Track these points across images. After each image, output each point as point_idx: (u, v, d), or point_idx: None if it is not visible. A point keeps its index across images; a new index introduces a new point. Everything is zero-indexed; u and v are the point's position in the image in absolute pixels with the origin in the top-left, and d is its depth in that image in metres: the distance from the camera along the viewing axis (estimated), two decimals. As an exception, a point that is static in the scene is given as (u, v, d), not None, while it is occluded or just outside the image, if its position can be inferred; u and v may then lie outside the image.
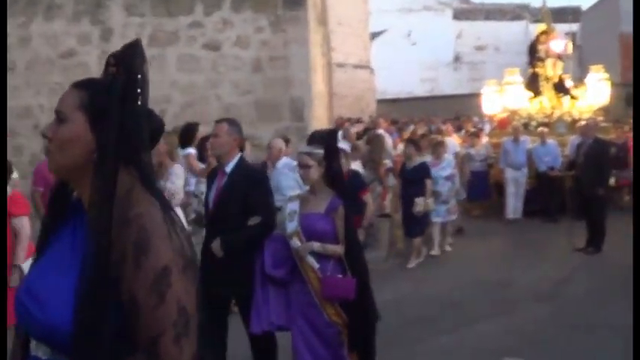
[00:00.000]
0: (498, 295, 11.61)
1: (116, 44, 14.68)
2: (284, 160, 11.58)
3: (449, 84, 51.39)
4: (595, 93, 20.06)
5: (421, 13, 52.13)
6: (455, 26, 53.02)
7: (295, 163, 10.06)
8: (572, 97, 20.40)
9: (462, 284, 12.29)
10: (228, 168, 7.15)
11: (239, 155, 7.29)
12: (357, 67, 39.92)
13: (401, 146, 17.90)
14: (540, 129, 18.62)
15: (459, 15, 53.85)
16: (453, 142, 18.33)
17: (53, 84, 15.84)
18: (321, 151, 6.68)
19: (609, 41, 39.47)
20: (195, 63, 15.91)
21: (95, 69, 15.67)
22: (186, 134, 12.10)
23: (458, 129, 24.52)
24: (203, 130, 11.90)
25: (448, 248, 15.02)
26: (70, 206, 2.64)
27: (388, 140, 18.71)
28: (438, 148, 15.06)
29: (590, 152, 14.43)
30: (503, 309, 10.79)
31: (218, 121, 7.44)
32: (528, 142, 18.35)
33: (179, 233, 2.46)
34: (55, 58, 15.95)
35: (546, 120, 19.65)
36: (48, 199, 2.73)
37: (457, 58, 53.18)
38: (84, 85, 2.65)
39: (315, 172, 6.67)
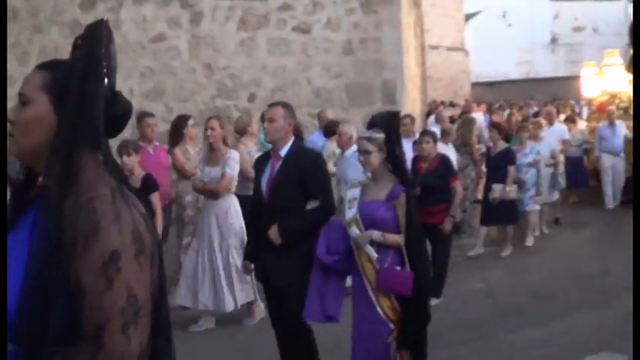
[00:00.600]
0: (593, 286, 11.23)
1: (206, 28, 15.06)
2: (354, 149, 10.53)
3: (545, 66, 50.61)
4: None
5: (517, -6, 51.31)
6: (552, 7, 52.05)
7: None
8: None
9: (555, 275, 11.99)
10: (283, 152, 7.01)
11: (293, 138, 7.17)
12: (450, 49, 39.69)
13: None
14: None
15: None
16: (561, 127, 17.54)
17: (143, 68, 16.04)
18: (381, 136, 6.42)
19: None
20: (286, 46, 15.80)
21: (185, 53, 15.87)
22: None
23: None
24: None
25: (529, 243, 14.35)
26: (35, 191, 2.56)
27: (482, 124, 18.41)
28: (521, 133, 14.59)
29: None
30: (597, 301, 10.48)
31: (272, 105, 7.33)
32: (624, 126, 17.56)
33: (135, 217, 2.37)
34: (145, 43, 16.04)
35: None
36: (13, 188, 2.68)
37: (554, 40, 52.24)
38: (47, 66, 2.57)
39: (376, 158, 6.43)
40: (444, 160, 10.95)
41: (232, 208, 9.57)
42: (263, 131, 7.94)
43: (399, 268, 6.27)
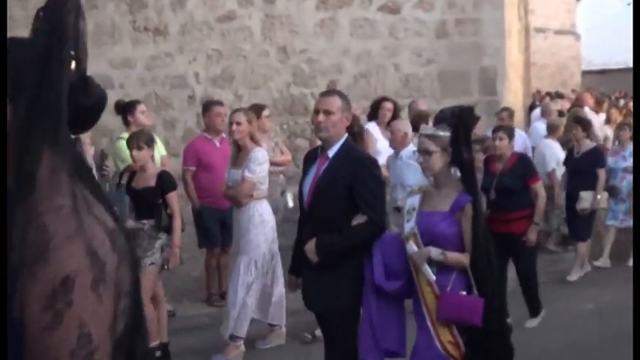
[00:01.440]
0: None
1: (282, 6, 15.02)
2: (410, 148, 9.75)
3: (669, 52, 49.77)
4: None
5: (638, -30, 50.58)
6: (678, -16, 51.25)
7: None
8: None
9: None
10: (332, 151, 6.47)
11: (345, 137, 6.61)
12: (559, 32, 39.23)
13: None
14: None
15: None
16: None
17: (210, 50, 16.01)
18: (447, 134, 5.91)
19: None
20: (371, 28, 15.62)
21: (257, 34, 15.75)
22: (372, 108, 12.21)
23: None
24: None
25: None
26: None
27: (595, 120, 18.05)
28: (620, 131, 13.95)
29: None
30: None
31: (326, 94, 6.87)
32: None
33: (98, 235, 2.12)
34: (213, 22, 15.96)
35: None
36: None
37: (681, 22, 51.40)
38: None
39: (439, 160, 5.95)
40: (522, 159, 10.47)
41: (256, 218, 9.12)
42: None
43: (464, 293, 5.83)
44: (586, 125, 13.02)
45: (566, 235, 13.58)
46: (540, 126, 15.95)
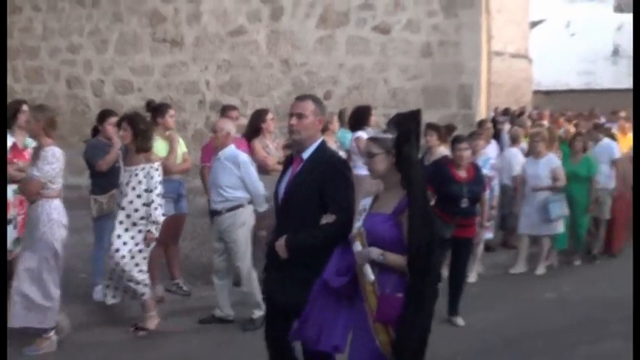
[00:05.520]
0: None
1: (286, 24, 14.94)
2: (230, 150, 9.29)
3: (606, 78, 49.92)
4: None
5: (582, 4, 50.75)
6: (615, 18, 51.43)
7: (240, 155, 9.23)
8: None
9: (626, 286, 11.61)
10: (306, 154, 6.03)
11: (320, 140, 6.14)
12: (514, 56, 39.15)
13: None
14: None
15: (622, 6, 52.23)
16: (611, 145, 14.54)
17: (221, 61, 16.16)
18: (389, 136, 5.40)
19: None
20: (364, 45, 15.64)
21: (263, 48, 15.84)
22: (359, 117, 11.90)
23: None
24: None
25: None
26: None
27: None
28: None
29: None
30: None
31: (299, 98, 6.25)
32: None
33: None
34: (224, 35, 16.03)
35: None
36: None
37: (616, 52, 51.52)
38: None
39: (382, 162, 5.42)
40: (478, 168, 10.17)
41: (44, 216, 8.10)
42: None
43: (401, 295, 5.24)
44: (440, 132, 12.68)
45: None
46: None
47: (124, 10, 16.40)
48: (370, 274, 5.26)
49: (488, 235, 12.34)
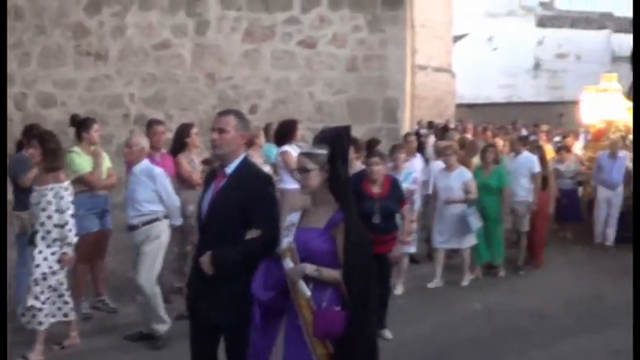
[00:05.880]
0: (589, 311, 11.08)
1: (211, 38, 14.88)
2: (144, 164, 9.16)
3: (527, 91, 50.77)
4: None
5: (504, 19, 51.49)
6: (536, 33, 52.33)
7: (155, 168, 9.12)
8: None
9: (550, 298, 11.80)
10: (230, 169, 5.94)
11: (244, 155, 6.07)
12: (438, 70, 39.60)
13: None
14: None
15: (544, 22, 53.14)
16: (530, 158, 14.02)
17: (146, 75, 16.01)
18: (324, 152, 5.39)
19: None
20: (290, 59, 15.73)
21: (188, 61, 15.75)
22: (285, 131, 11.87)
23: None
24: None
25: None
26: None
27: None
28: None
29: None
30: (595, 325, 10.35)
31: (221, 113, 6.14)
32: (627, 158, 15.96)
33: None
34: (149, 49, 15.94)
35: None
36: None
37: (537, 66, 52.42)
38: None
39: (316, 178, 5.40)
40: (394, 182, 9.89)
41: None
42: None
43: (338, 308, 5.26)
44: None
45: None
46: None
47: (47, 22, 16.16)
48: (306, 290, 5.23)
49: (411, 249, 12.13)
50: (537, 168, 13.77)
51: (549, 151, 18.30)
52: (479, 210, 12.40)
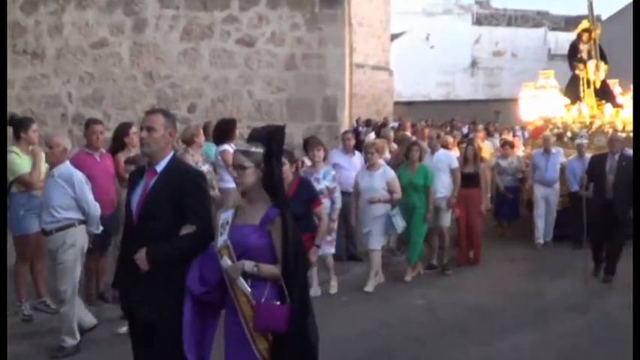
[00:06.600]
0: (529, 307, 11.22)
1: (149, 36, 14.80)
2: (65, 168, 8.86)
3: (465, 89, 51.26)
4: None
5: (441, 17, 51.91)
6: (473, 31, 52.84)
7: (76, 174, 8.84)
8: (615, 106, 18.02)
9: (490, 294, 11.96)
10: (160, 167, 6.02)
11: (172, 153, 6.20)
12: (375, 68, 39.81)
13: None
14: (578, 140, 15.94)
15: (480, 20, 53.67)
16: (448, 155, 14.18)
17: (83, 73, 15.82)
18: (261, 151, 5.53)
19: (629, 52, 38.90)
20: (228, 58, 15.71)
21: (127, 60, 15.61)
22: (224, 129, 11.89)
23: (488, 135, 23.68)
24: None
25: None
26: None
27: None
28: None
29: (620, 169, 12.68)
30: (536, 321, 10.49)
31: (150, 112, 6.30)
32: (561, 154, 16.21)
33: None
34: (87, 48, 15.77)
35: (584, 130, 17.10)
36: None
37: (474, 63, 52.96)
38: None
39: (252, 176, 5.53)
40: (303, 183, 9.96)
41: None
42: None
43: (278, 302, 5.41)
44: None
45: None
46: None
47: (-18, 21, 15.97)
48: (246, 286, 5.35)
49: (330, 249, 11.69)
50: (455, 163, 13.77)
51: (487, 148, 18.55)
52: (405, 208, 12.33)
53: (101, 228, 9.06)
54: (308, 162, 11.87)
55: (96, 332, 9.23)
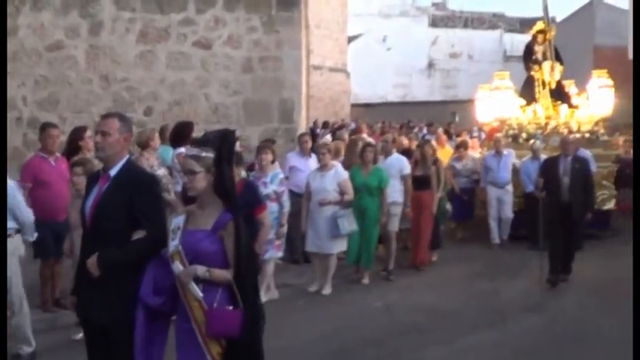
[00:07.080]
0: (487, 307, 11.33)
1: (105, 39, 14.68)
2: None
3: (421, 90, 51.48)
4: (597, 101, 18.03)
5: (398, 19, 52.07)
6: (430, 33, 53.10)
7: (9, 183, 8.59)
8: (571, 106, 18.28)
9: (448, 295, 12.07)
10: (113, 171, 5.95)
11: (127, 157, 6.12)
12: (333, 69, 39.83)
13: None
14: (532, 142, 16.56)
15: (437, 22, 53.94)
16: (400, 159, 13.94)
17: (38, 76, 15.67)
18: (211, 155, 5.50)
19: (583, 53, 39.37)
20: (185, 61, 15.67)
21: (82, 63, 15.54)
22: (181, 133, 11.83)
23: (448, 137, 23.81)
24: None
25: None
26: None
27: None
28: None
29: (574, 171, 12.71)
30: (494, 320, 10.58)
31: (105, 116, 6.25)
32: (513, 156, 16.44)
33: None
34: (42, 50, 15.61)
35: (539, 131, 17.72)
36: None
37: (431, 65, 53.20)
38: None
39: (202, 180, 5.48)
40: (248, 186, 9.76)
41: None
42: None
43: (230, 307, 5.39)
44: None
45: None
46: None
47: None
48: (198, 292, 5.31)
49: (277, 253, 11.65)
50: (407, 169, 13.62)
51: (447, 151, 18.56)
52: (357, 211, 12.25)
53: (36, 234, 8.93)
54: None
55: (53, 338, 9.20)
